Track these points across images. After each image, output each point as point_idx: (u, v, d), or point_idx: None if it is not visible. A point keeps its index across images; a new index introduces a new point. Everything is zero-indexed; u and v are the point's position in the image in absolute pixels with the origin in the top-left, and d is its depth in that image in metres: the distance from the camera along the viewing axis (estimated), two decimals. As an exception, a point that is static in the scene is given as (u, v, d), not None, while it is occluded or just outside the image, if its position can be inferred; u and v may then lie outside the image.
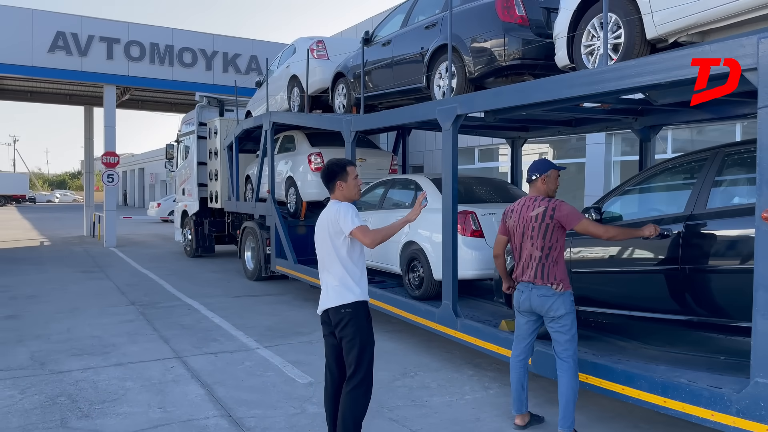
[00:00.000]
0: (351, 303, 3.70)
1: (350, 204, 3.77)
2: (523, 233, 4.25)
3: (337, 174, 3.81)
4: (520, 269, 4.31)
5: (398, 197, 8.10)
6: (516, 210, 4.34)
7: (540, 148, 16.59)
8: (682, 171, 4.56)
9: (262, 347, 6.73)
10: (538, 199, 4.26)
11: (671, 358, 4.69)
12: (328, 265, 3.78)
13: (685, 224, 4.21)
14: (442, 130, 5.83)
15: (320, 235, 3.82)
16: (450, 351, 6.59)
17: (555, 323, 4.18)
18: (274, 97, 11.40)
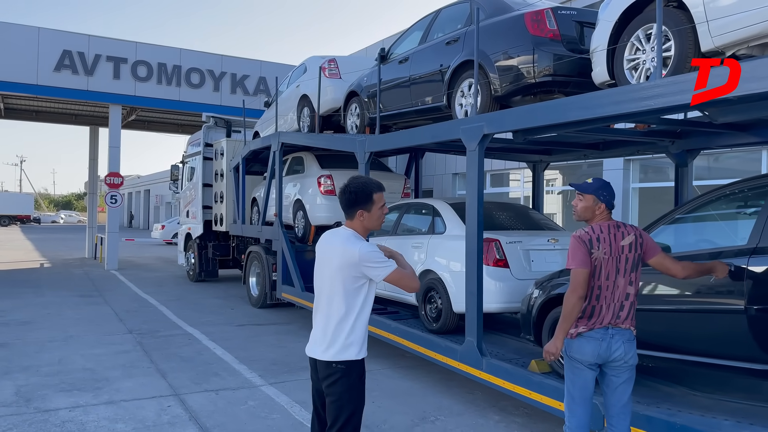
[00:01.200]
0: (346, 361, 3.03)
1: (370, 244, 3.07)
2: (616, 267, 3.45)
3: (360, 203, 3.09)
4: (606, 312, 3.43)
5: (413, 223, 7.63)
6: (604, 238, 3.45)
7: (547, 174, 16.10)
8: (743, 198, 4.08)
9: (266, 384, 6.20)
10: (621, 226, 3.54)
11: (728, 409, 4.16)
12: (327, 304, 3.10)
13: (750, 258, 3.71)
14: (466, 151, 5.37)
15: (325, 267, 3.14)
16: (472, 392, 6.05)
17: (626, 373, 3.51)
18: (283, 118, 11.02)
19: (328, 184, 9.62)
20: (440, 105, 6.68)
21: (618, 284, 3.46)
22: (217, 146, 14.16)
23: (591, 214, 3.56)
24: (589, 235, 3.46)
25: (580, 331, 3.48)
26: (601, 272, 3.43)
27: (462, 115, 6.29)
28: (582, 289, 3.41)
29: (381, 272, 2.99)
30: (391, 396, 5.85)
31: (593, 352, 3.44)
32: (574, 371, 3.52)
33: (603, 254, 3.43)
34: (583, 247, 3.44)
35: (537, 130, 5.03)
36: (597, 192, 3.55)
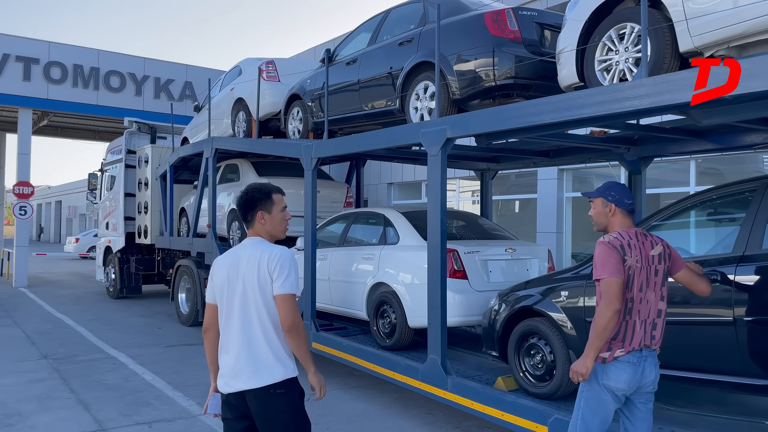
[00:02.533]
0: (283, 381, 2.70)
1: (292, 253, 2.85)
2: (647, 279, 3.10)
3: (259, 202, 2.88)
4: (639, 329, 3.06)
5: (362, 233, 7.23)
6: (634, 245, 3.09)
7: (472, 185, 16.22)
8: (723, 204, 3.94)
9: (207, 412, 5.61)
10: (648, 235, 3.21)
11: (707, 423, 4.01)
12: (244, 325, 2.74)
13: (737, 266, 3.55)
14: (427, 156, 5.04)
15: (234, 286, 2.78)
16: (432, 412, 5.70)
17: (652, 399, 3.19)
18: (216, 123, 10.37)
19: (266, 193, 9.06)
20: (393, 109, 6.34)
21: (649, 299, 3.10)
22: (141, 153, 13.27)
23: (605, 218, 3.25)
24: (619, 240, 3.07)
25: (617, 355, 3.05)
26: (634, 283, 3.05)
27: (417, 119, 5.98)
28: (619, 301, 2.98)
29: (286, 285, 2.70)
30: (347, 420, 5.40)
31: (631, 380, 3.05)
32: (599, 402, 3.09)
33: (635, 262, 3.06)
34: (616, 254, 3.03)
35: (504, 134, 4.76)
36: (604, 193, 3.25)
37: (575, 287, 4.50)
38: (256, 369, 2.69)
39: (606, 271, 3.01)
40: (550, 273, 5.04)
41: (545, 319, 4.70)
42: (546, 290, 4.76)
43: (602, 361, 3.07)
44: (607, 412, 3.10)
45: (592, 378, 3.10)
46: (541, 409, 4.14)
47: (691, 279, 3.32)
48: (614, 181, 3.32)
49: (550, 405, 4.24)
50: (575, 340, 4.44)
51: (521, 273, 6.25)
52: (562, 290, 4.60)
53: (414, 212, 6.81)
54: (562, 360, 4.53)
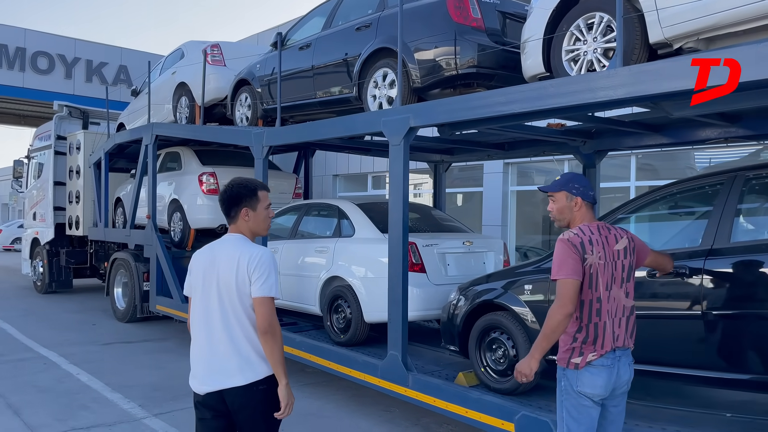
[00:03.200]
0: (265, 378, 2.70)
1: (273, 255, 2.78)
2: (612, 275, 2.93)
3: (244, 198, 2.79)
4: (610, 330, 2.88)
5: (315, 226, 7.00)
6: (597, 240, 2.91)
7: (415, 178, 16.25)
8: (690, 198, 3.94)
9: (150, 416, 5.27)
10: (612, 228, 3.05)
11: (669, 417, 4.01)
12: (224, 323, 2.70)
13: (706, 260, 3.54)
14: (389, 146, 4.87)
15: (212, 279, 2.73)
16: (389, 409, 5.55)
17: (624, 398, 3.05)
18: (155, 108, 9.84)
19: (211, 183, 8.68)
20: (349, 96, 6.12)
21: (616, 296, 2.93)
22: (72, 139, 12.50)
23: (569, 213, 3.04)
24: (579, 237, 2.89)
25: (589, 360, 2.87)
26: (599, 282, 2.88)
27: (375, 107, 5.78)
28: (572, 304, 2.82)
29: (264, 288, 2.65)
30: (302, 420, 5.18)
31: (607, 384, 2.88)
32: (580, 409, 2.91)
33: (598, 259, 2.88)
34: (575, 253, 2.85)
35: (469, 124, 4.63)
36: (566, 186, 3.04)
37: (539, 281, 4.43)
38: (239, 367, 2.68)
39: (562, 271, 2.86)
40: (512, 266, 4.97)
41: (508, 313, 4.62)
42: (508, 284, 4.68)
43: (575, 367, 2.90)
44: (591, 418, 2.93)
45: (568, 387, 2.94)
46: (508, 405, 4.05)
47: (657, 262, 3.31)
48: (572, 173, 3.15)
49: (517, 401, 4.16)
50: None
51: (478, 266, 6.17)
52: (525, 284, 4.52)
53: (370, 204, 6.63)
54: (525, 354, 4.45)
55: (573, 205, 3.04)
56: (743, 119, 4.90)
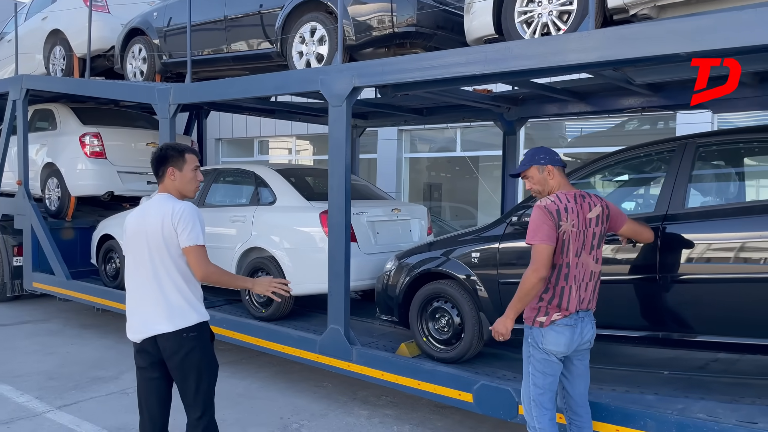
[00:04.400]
0: (196, 325, 2.91)
1: (196, 207, 2.95)
2: (583, 242, 3.03)
3: (171, 158, 2.99)
4: (575, 293, 3.01)
5: (227, 193, 6.49)
6: (572, 208, 2.99)
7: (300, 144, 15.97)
8: (642, 164, 4.02)
9: (53, 409, 4.63)
10: (587, 196, 3.12)
11: (614, 377, 4.14)
12: (155, 275, 2.90)
13: (662, 225, 3.63)
14: (329, 107, 4.53)
15: (141, 235, 2.92)
16: (321, 384, 5.30)
17: (588, 355, 3.21)
18: (23, 59, 8.57)
19: (96, 145, 7.75)
20: (270, 51, 5.64)
21: (585, 262, 3.05)
22: None
23: (546, 184, 3.13)
24: (556, 204, 2.98)
25: (553, 319, 3.02)
26: (570, 248, 2.99)
27: (302, 65, 5.38)
28: (546, 268, 2.95)
29: (191, 237, 2.83)
30: (232, 403, 4.81)
31: (569, 342, 3.03)
32: (545, 363, 3.06)
33: (572, 227, 2.98)
34: (550, 219, 2.96)
35: (418, 85, 4.40)
36: (534, 160, 3.15)
37: (488, 248, 4.36)
38: (169, 314, 2.86)
39: (537, 236, 2.97)
40: (454, 234, 4.86)
41: (453, 281, 4.53)
42: (453, 252, 4.57)
43: (540, 325, 3.05)
44: (555, 372, 3.10)
45: (533, 344, 3.10)
46: (465, 376, 3.97)
47: (634, 231, 3.36)
48: (533, 148, 3.24)
49: (473, 371, 4.10)
50: (487, 302, 4.33)
51: (405, 234, 6.05)
52: (472, 252, 4.44)
53: (288, 170, 6.24)
54: (472, 323, 4.39)
55: (546, 174, 3.12)
56: (665, 89, 5.11)
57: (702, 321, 3.57)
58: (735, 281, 3.42)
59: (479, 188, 13.93)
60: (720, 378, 3.95)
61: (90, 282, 7.39)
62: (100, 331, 7.06)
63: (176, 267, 2.88)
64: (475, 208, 13.32)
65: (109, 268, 7.33)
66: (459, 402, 3.94)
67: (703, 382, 3.90)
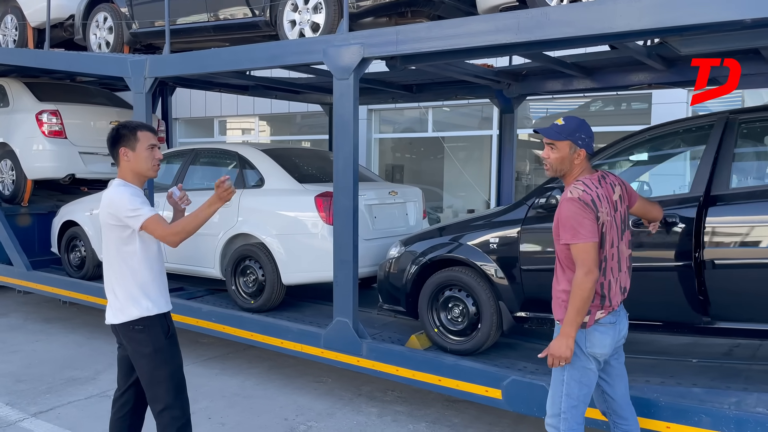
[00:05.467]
0: (140, 319, 2.84)
1: (130, 186, 2.86)
2: (617, 229, 2.74)
3: (122, 138, 2.86)
4: (616, 287, 2.73)
5: (206, 176, 6.02)
6: (602, 195, 2.68)
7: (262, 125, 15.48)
8: (675, 142, 3.78)
9: (28, 416, 4.15)
10: (607, 176, 2.83)
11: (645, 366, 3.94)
12: (108, 264, 2.92)
13: (706, 208, 3.41)
14: (334, 80, 4.13)
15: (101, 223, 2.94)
16: (319, 379, 4.96)
17: (621, 351, 2.91)
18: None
19: (54, 123, 7.13)
20: (258, 20, 5.18)
21: (621, 250, 2.76)
22: None
23: (569, 165, 2.73)
24: (589, 194, 2.62)
25: (597, 318, 2.69)
26: (606, 239, 2.67)
27: (295, 35, 4.95)
28: (597, 268, 2.62)
29: (133, 218, 2.76)
30: (229, 403, 4.42)
31: (613, 342, 2.74)
32: (584, 372, 2.71)
33: (607, 215, 2.66)
34: (591, 212, 2.60)
35: (433, 56, 4.04)
36: (574, 136, 2.70)
37: (508, 233, 4.08)
38: (114, 307, 2.88)
39: (580, 235, 2.59)
40: (466, 219, 4.56)
41: (468, 268, 4.24)
42: (467, 237, 4.28)
43: (582, 326, 2.68)
44: (592, 381, 2.77)
45: (576, 349, 2.70)
46: (492, 371, 3.70)
47: (644, 208, 3.06)
48: (578, 119, 2.80)
49: (501, 365, 3.82)
50: (507, 290, 4.06)
51: (402, 218, 5.72)
52: (491, 237, 4.15)
53: (274, 150, 5.82)
54: (490, 312, 4.11)
55: (575, 156, 2.72)
56: (677, 65, 4.91)
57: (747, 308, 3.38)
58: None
59: (445, 169, 13.74)
60: (752, 366, 3.80)
61: (51, 272, 6.83)
62: (67, 326, 6.51)
63: (119, 260, 2.85)
64: (441, 189, 13.12)
65: (74, 257, 6.78)
66: (487, 399, 3.67)
67: (736, 370, 3.74)
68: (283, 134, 15.53)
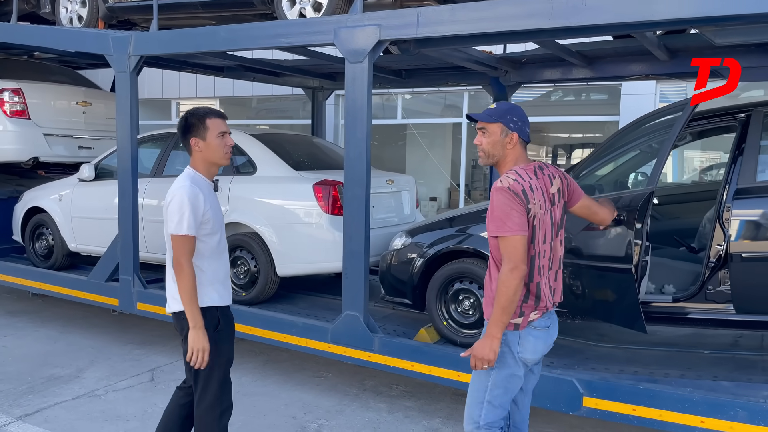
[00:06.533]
0: (182, 311, 2.76)
1: (197, 181, 2.76)
2: (552, 224, 2.54)
3: (191, 128, 2.77)
4: (546, 286, 2.54)
5: (191, 161, 5.69)
6: (536, 186, 2.48)
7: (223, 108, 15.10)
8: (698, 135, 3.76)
9: (13, 420, 3.82)
10: (545, 167, 2.61)
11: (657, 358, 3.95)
12: (167, 251, 2.84)
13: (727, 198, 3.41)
14: (346, 63, 3.93)
15: None
16: (319, 374, 4.79)
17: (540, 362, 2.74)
18: None
19: (17, 103, 6.66)
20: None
21: (554, 247, 2.57)
22: None
23: (501, 150, 2.54)
24: (520, 183, 2.43)
25: (531, 320, 2.51)
26: (537, 233, 2.47)
27: (294, 14, 4.72)
28: (525, 264, 2.41)
29: (171, 224, 2.69)
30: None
31: (544, 348, 2.58)
32: (511, 378, 2.53)
33: (540, 209, 2.47)
34: (519, 203, 2.40)
35: (451, 40, 3.89)
36: (505, 118, 2.52)
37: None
38: (169, 296, 2.85)
39: (506, 227, 2.40)
40: (478, 208, 4.45)
41: (480, 259, 4.14)
42: (478, 227, 4.17)
43: (514, 327, 2.49)
44: (516, 388, 2.59)
45: (506, 352, 2.52)
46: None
47: (589, 209, 2.81)
48: (509, 103, 2.68)
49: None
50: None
51: (398, 207, 5.59)
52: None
53: (265, 135, 5.56)
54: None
55: (507, 141, 2.53)
56: (678, 56, 4.92)
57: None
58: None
59: (407, 156, 13.67)
60: (765, 357, 3.85)
61: (13, 262, 6.41)
62: (35, 319, 6.10)
63: (170, 253, 2.78)
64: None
65: (40, 245, 6.38)
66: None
67: (749, 362, 3.79)
68: (239, 118, 15.13)
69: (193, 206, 2.66)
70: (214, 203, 2.82)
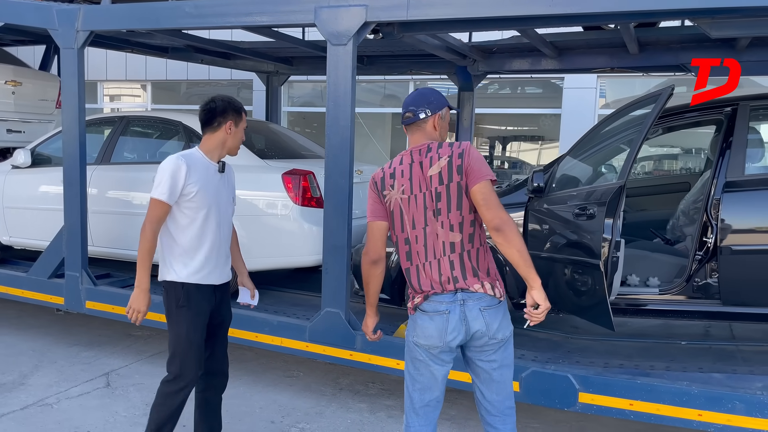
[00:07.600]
0: (164, 282, 2.92)
1: (197, 157, 2.92)
2: (425, 209, 2.41)
3: (232, 113, 2.95)
4: (425, 274, 2.43)
5: (144, 148, 5.37)
6: (402, 171, 2.44)
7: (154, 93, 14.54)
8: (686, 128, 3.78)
9: (-46, 438, 3.40)
10: (433, 149, 2.44)
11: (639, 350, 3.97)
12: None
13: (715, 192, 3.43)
14: (328, 46, 3.69)
15: None
16: (289, 374, 4.55)
17: (498, 354, 2.49)
18: None
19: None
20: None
21: (432, 232, 2.41)
22: None
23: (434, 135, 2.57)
24: (382, 171, 2.51)
25: (417, 303, 2.45)
26: (403, 220, 2.44)
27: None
28: (375, 249, 2.52)
29: (155, 187, 2.80)
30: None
31: (441, 334, 2.39)
32: (415, 363, 2.50)
33: (401, 194, 2.43)
34: (373, 191, 2.54)
35: (439, 24, 3.72)
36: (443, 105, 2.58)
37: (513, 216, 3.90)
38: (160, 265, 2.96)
39: (367, 214, 2.59)
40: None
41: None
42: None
43: (411, 312, 2.51)
44: (430, 375, 2.48)
45: (408, 335, 2.53)
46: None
47: (477, 202, 2.40)
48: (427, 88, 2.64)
49: (517, 355, 3.64)
50: (508, 276, 3.92)
51: (364, 198, 5.38)
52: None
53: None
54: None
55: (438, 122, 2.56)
56: (647, 50, 4.98)
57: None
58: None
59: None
60: (741, 347, 3.93)
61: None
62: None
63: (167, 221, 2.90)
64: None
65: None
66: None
67: (728, 352, 3.85)
68: (168, 103, 14.51)
69: (172, 175, 2.75)
70: (206, 180, 2.87)
